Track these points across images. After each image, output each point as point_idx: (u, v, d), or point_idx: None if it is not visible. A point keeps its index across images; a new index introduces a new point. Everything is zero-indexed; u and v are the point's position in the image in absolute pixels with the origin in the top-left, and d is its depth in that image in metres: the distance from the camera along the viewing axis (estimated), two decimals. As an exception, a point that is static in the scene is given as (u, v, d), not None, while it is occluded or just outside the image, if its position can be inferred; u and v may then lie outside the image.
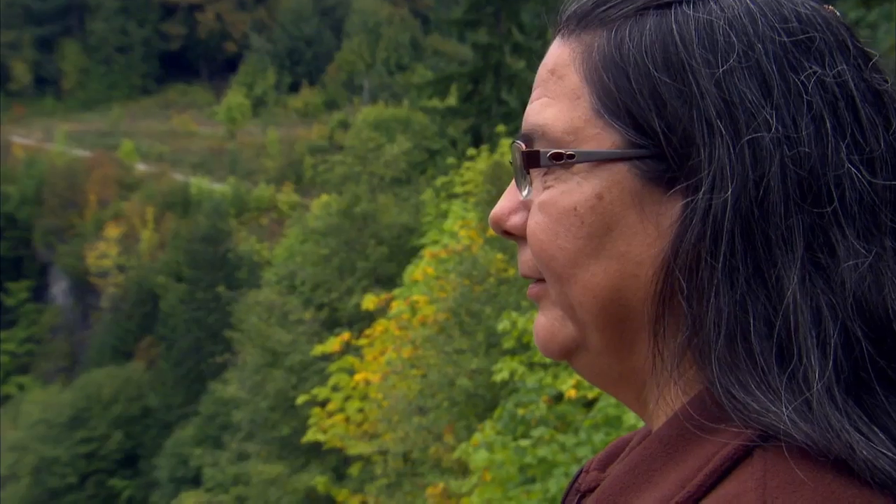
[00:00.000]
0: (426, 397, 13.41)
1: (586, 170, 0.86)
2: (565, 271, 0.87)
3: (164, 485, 56.55)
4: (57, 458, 61.02)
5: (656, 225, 0.83)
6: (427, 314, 14.39)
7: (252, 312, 27.18)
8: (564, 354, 0.91)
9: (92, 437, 61.72)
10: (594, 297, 0.86)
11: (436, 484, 11.01)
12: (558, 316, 0.90)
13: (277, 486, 24.69)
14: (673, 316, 0.83)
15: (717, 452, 0.78)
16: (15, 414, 67.10)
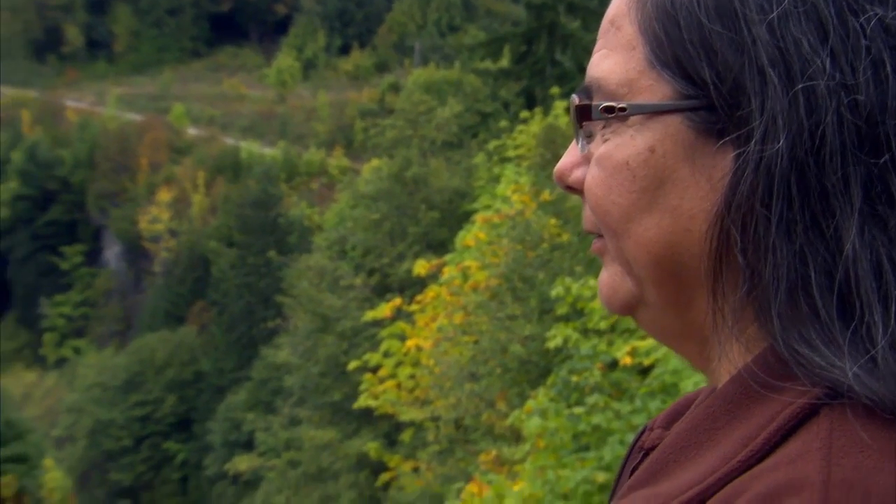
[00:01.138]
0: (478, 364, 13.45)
1: (640, 122, 0.85)
2: (619, 226, 0.87)
3: (218, 449, 57.61)
4: (112, 420, 62.43)
5: (708, 178, 0.82)
6: (479, 280, 14.40)
7: (303, 278, 27.42)
8: (626, 310, 0.92)
9: (146, 401, 63.01)
10: (648, 252, 0.86)
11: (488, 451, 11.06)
12: (618, 272, 0.90)
13: (329, 451, 25.01)
14: (730, 271, 0.82)
15: (781, 411, 0.77)
16: (71, 377, 68.77)
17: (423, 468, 18.21)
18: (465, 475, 12.29)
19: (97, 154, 69.65)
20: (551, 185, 13.85)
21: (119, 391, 62.97)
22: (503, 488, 8.15)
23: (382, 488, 21.30)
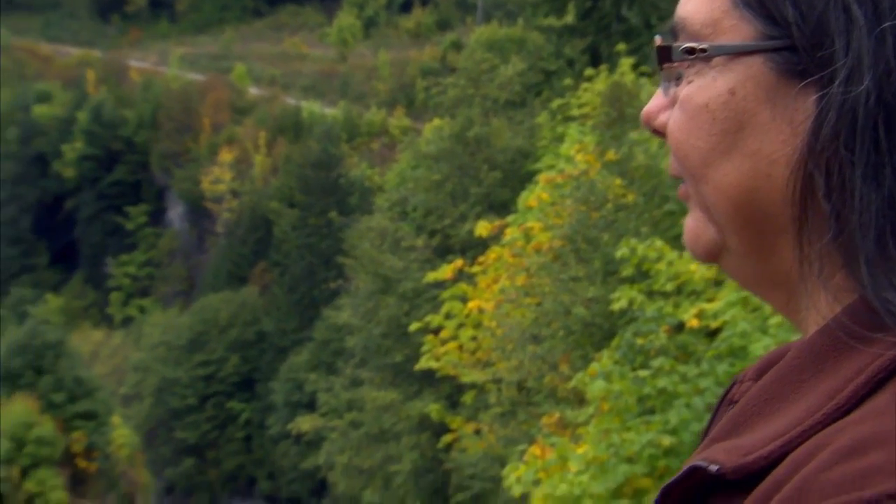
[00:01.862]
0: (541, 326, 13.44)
1: (722, 64, 0.84)
2: (698, 171, 0.86)
3: (280, 409, 58.59)
4: (177, 379, 63.78)
5: (790, 121, 0.81)
6: (542, 241, 14.34)
7: (364, 238, 27.56)
8: (710, 257, 0.90)
9: (210, 360, 64.22)
10: (727, 197, 0.84)
11: (551, 413, 11.07)
12: (700, 218, 0.89)
13: (391, 412, 25.25)
14: (815, 217, 0.81)
15: (870, 363, 0.75)
16: (137, 336, 70.29)
17: (485, 430, 18.32)
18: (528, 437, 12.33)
19: (160, 114, 70.59)
20: (616, 144, 13.70)
21: (183, 350, 64.24)
22: (566, 451, 8.16)
23: (444, 450, 21.47)
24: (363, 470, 26.61)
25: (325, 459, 28.44)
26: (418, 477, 23.81)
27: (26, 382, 30.89)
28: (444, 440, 21.19)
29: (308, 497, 59.48)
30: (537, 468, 8.40)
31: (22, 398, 29.94)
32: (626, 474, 7.06)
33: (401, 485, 24.19)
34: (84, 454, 31.27)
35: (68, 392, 31.18)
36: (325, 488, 49.75)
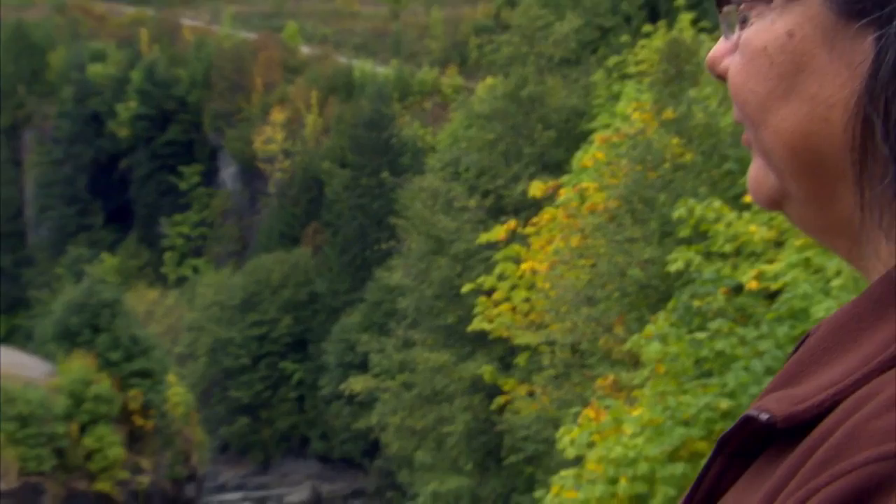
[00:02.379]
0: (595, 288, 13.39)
1: (781, 5, 0.82)
2: (757, 116, 0.85)
3: (332, 369, 59.24)
4: (231, 339, 64.69)
5: (848, 64, 0.79)
6: (597, 202, 14.24)
7: (416, 199, 27.58)
8: (772, 204, 0.89)
9: (263, 321, 65.01)
10: (784, 142, 0.83)
11: (605, 376, 11.06)
12: (762, 164, 0.88)
13: (444, 373, 25.39)
14: (875, 162, 0.79)
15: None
16: (191, 295, 71.28)
17: (539, 392, 18.37)
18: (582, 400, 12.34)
19: (213, 73, 71.00)
20: (674, 102, 13.51)
21: (237, 311, 65.06)
22: (621, 413, 8.15)
23: (497, 412, 21.57)
24: (416, 431, 26.83)
25: (377, 420, 28.71)
26: (471, 438, 23.96)
27: (84, 340, 31.53)
28: (496, 402, 21.28)
29: (361, 457, 60.23)
30: (591, 430, 8.41)
31: (80, 356, 30.58)
32: (683, 437, 7.04)
33: (453, 446, 24.37)
34: (140, 412, 31.89)
35: (124, 350, 31.76)
36: (378, 449, 50.34)
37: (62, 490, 27.70)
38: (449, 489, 22.82)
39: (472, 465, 24.09)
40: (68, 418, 28.35)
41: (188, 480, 38.16)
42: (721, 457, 0.82)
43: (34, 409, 26.72)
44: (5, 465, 26.26)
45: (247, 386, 65.14)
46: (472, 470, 24.00)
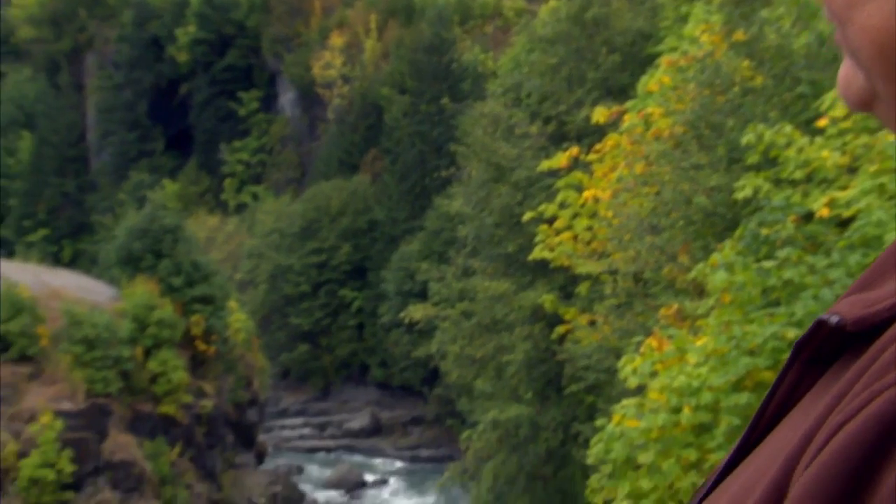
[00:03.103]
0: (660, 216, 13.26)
1: None
2: (843, 13, 0.82)
3: (392, 297, 59.82)
4: (290, 266, 65.52)
5: None
6: (662, 127, 14.03)
7: (477, 125, 27.41)
8: (862, 106, 0.87)
9: (322, 248, 65.66)
10: (871, 40, 0.80)
11: (669, 305, 10.99)
12: (851, 64, 0.85)
13: (503, 302, 25.48)
14: None
15: None
16: (251, 222, 72.16)
17: (600, 322, 18.37)
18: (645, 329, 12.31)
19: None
20: (745, 23, 13.16)
21: (296, 238, 65.76)
22: (685, 343, 8.12)
23: (557, 341, 21.64)
24: (475, 359, 27.06)
25: (436, 348, 29.00)
26: (531, 367, 24.12)
27: (146, 266, 32.15)
28: (557, 331, 21.34)
29: (420, 385, 61.05)
30: (654, 360, 8.40)
31: (142, 281, 31.23)
32: (748, 367, 7.00)
33: (513, 375, 24.57)
34: (203, 337, 32.56)
35: (186, 276, 32.34)
36: (437, 377, 50.94)
37: (128, 412, 28.54)
38: (508, 417, 23.07)
39: (532, 394, 24.29)
40: (133, 342, 29.06)
41: (250, 405, 39.02)
42: (797, 364, 0.81)
43: (100, 332, 27.41)
44: (74, 386, 27.10)
45: (306, 313, 66.11)
46: (532, 398, 24.20)
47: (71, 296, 29.88)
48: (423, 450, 57.34)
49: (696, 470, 7.48)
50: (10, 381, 26.77)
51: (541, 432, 23.13)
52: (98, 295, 31.38)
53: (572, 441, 21.71)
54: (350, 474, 50.24)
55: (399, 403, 64.13)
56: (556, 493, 23.86)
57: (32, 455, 24.89)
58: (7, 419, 26.04)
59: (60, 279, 31.97)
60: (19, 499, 24.77)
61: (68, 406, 26.65)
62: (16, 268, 32.18)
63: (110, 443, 27.00)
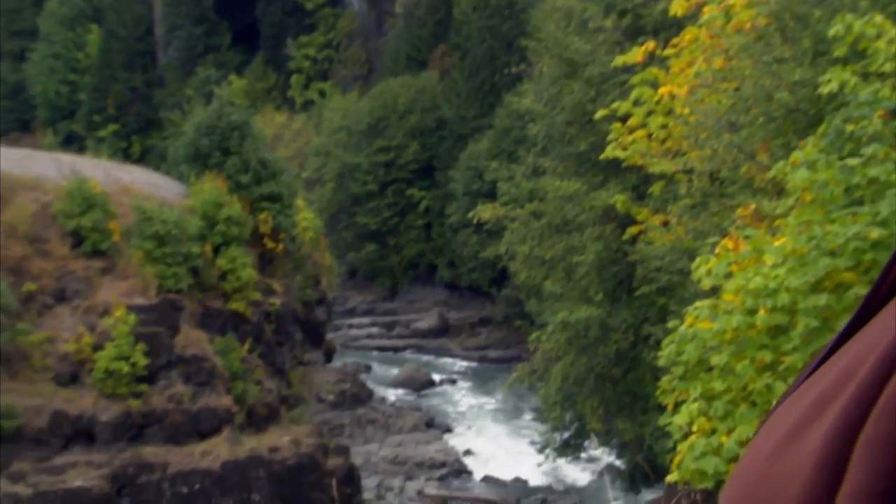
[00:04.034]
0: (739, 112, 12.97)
1: None
2: None
3: (460, 197, 59.89)
4: (358, 165, 65.77)
5: None
6: (744, 19, 13.60)
7: (549, 19, 26.89)
8: None
9: (389, 147, 65.71)
10: None
11: (746, 205, 10.82)
12: None
13: (574, 202, 25.34)
14: None
15: None
16: (318, 119, 72.35)
17: (674, 222, 18.19)
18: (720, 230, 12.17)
19: None
20: None
21: (363, 136, 65.84)
22: (762, 244, 8.01)
23: (629, 242, 21.53)
24: (544, 260, 27.09)
25: (505, 249, 29.04)
26: (601, 268, 24.08)
27: (214, 163, 32.51)
28: (629, 232, 21.20)
29: (488, 286, 61.48)
30: (730, 261, 8.31)
31: (211, 178, 31.64)
32: (828, 268, 6.89)
33: (583, 276, 24.56)
34: (271, 235, 33.01)
35: (254, 174, 32.67)
36: (506, 278, 51.20)
37: (198, 308, 29.25)
38: (578, 318, 23.15)
39: (602, 295, 24.30)
40: (202, 239, 29.59)
41: (318, 304, 39.69)
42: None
43: (170, 229, 27.95)
44: (145, 281, 27.80)
45: (374, 212, 66.63)
46: (602, 300, 24.22)
47: (141, 192, 30.43)
48: (490, 350, 58.08)
49: (770, 371, 7.45)
50: (83, 275, 27.55)
51: (611, 334, 23.21)
52: (167, 191, 31.90)
53: (643, 343, 21.77)
54: (418, 374, 51.15)
55: (467, 304, 64.78)
56: (626, 395, 24.04)
57: (107, 348, 25.72)
58: (82, 312, 26.89)
59: (130, 175, 32.53)
60: (95, 390, 25.71)
61: (140, 301, 27.39)
62: (87, 163, 32.81)
63: (182, 338, 27.77)
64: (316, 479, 27.10)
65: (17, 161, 30.09)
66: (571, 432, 27.42)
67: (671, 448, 8.63)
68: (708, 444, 7.67)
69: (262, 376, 30.97)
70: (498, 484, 36.61)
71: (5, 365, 24.89)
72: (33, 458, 23.89)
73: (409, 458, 38.24)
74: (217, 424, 26.99)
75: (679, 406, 8.27)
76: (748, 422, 7.53)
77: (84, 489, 23.57)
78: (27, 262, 27.10)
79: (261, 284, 32.17)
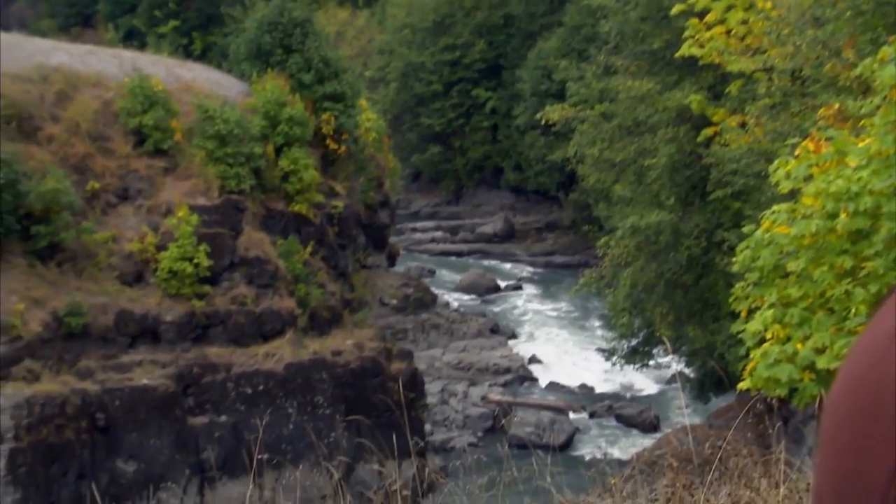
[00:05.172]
0: (824, 6, 12.60)
1: None
2: None
3: (527, 97, 59.29)
4: (422, 63, 65.28)
5: None
6: None
7: None
8: None
9: (455, 45, 65.03)
10: None
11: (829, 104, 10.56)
12: None
13: (647, 103, 24.98)
14: None
15: None
16: (381, 16, 71.73)
17: (752, 123, 17.87)
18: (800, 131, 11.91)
19: None
20: None
21: (428, 33, 65.19)
22: (845, 144, 7.84)
23: (704, 144, 21.23)
24: (615, 163, 26.86)
25: (574, 151, 28.81)
26: (674, 171, 23.81)
27: (276, 61, 32.48)
28: (704, 133, 20.91)
29: (555, 190, 61.19)
30: (810, 163, 8.16)
31: (272, 77, 31.65)
32: (915, 169, 6.75)
33: (655, 179, 24.33)
34: (333, 136, 33.05)
35: (316, 72, 32.57)
36: (574, 181, 50.86)
37: (261, 209, 29.58)
38: (648, 223, 23.00)
39: (674, 200, 24.09)
40: (264, 139, 29.76)
41: (381, 206, 39.90)
42: None
43: (232, 128, 28.13)
44: (207, 181, 28.14)
45: (438, 113, 66.33)
46: (674, 204, 24.02)
47: (202, 90, 30.60)
48: (557, 256, 58.09)
49: (850, 278, 7.36)
50: (146, 174, 27.98)
51: (683, 239, 23.05)
52: (228, 90, 32.02)
53: (716, 248, 21.61)
54: (482, 279, 51.39)
55: (533, 208, 64.64)
56: (697, 301, 23.98)
57: (171, 248, 26.22)
58: (145, 211, 27.39)
59: (191, 73, 32.67)
60: (159, 290, 26.32)
61: (203, 201, 27.77)
62: (148, 60, 32.97)
63: (244, 239, 28.18)
64: (379, 382, 27.63)
65: (79, 57, 30.37)
66: (639, 339, 27.51)
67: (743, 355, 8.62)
68: (782, 352, 7.66)
69: (325, 279, 31.38)
70: (563, 391, 37.01)
71: (71, 263, 25.55)
72: (100, 355, 24.66)
73: (473, 364, 38.74)
74: (280, 327, 27.54)
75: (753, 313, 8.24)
76: (825, 329, 7.49)
77: (150, 387, 24.33)
78: (90, 160, 27.56)
79: (323, 186, 32.38)
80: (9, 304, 23.12)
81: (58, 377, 23.26)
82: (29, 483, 21.27)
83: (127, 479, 23.55)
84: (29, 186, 24.43)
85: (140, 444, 23.98)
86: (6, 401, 21.53)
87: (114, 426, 23.67)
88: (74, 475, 22.45)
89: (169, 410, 24.56)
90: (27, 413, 21.60)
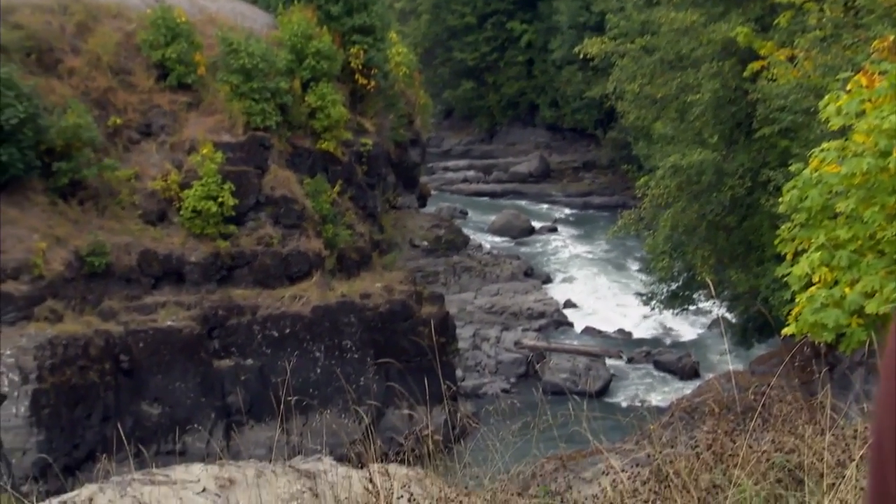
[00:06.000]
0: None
1: None
2: None
3: (565, 31, 58.72)
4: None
5: None
6: None
7: None
8: None
9: (489, -25, 64.30)
10: None
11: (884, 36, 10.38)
12: None
13: (690, 36, 24.66)
14: None
15: None
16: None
17: (801, 57, 17.60)
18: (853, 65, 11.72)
19: None
20: None
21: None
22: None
23: (750, 79, 20.94)
24: (656, 99, 26.61)
25: (613, 87, 28.55)
26: (718, 108, 23.55)
27: (303, -8, 32.26)
28: (750, 68, 20.60)
29: (593, 127, 60.81)
30: (863, 98, 8.04)
31: (299, 8, 31.45)
32: (975, 105, 6.63)
33: (698, 116, 24.09)
34: (362, 71, 32.90)
35: (345, 3, 32.33)
36: (613, 119, 50.50)
37: (287, 147, 29.56)
38: (691, 162, 22.81)
39: (718, 138, 23.86)
40: (290, 74, 29.65)
41: (412, 144, 39.80)
42: None
43: (257, 62, 28.03)
44: (232, 117, 28.12)
45: (472, 47, 65.87)
46: (718, 142, 23.80)
47: (227, 22, 30.48)
48: (594, 196, 57.88)
49: (902, 219, 7.28)
50: (169, 109, 28.00)
51: (726, 179, 22.87)
52: (253, 21, 31.88)
53: (761, 189, 21.42)
54: (516, 220, 51.32)
55: (570, 147, 64.30)
56: (740, 244, 23.85)
57: (195, 186, 26.32)
58: (168, 148, 27.46)
59: (215, 3, 32.53)
60: (183, 229, 26.49)
61: (228, 138, 27.80)
62: (169, -8, 32.84)
63: (270, 178, 28.22)
64: (409, 326, 27.77)
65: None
66: (679, 283, 27.44)
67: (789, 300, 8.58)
68: (829, 296, 7.61)
69: (353, 220, 31.44)
70: (599, 336, 37.08)
71: (93, 201, 25.72)
72: (123, 296, 24.92)
73: (507, 308, 38.84)
74: (307, 268, 27.68)
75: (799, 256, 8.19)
76: (874, 272, 7.43)
77: (175, 329, 24.60)
78: (111, 94, 27.61)
79: (351, 123, 32.31)
80: (30, 242, 23.36)
81: (81, 318, 23.56)
82: (52, 425, 21.66)
83: (152, 422, 23.93)
84: (49, 121, 24.55)
85: (165, 387, 24.32)
86: (29, 341, 21.86)
87: (138, 368, 24.00)
88: (99, 417, 22.84)
89: (194, 353, 24.86)
90: (50, 354, 21.93)
